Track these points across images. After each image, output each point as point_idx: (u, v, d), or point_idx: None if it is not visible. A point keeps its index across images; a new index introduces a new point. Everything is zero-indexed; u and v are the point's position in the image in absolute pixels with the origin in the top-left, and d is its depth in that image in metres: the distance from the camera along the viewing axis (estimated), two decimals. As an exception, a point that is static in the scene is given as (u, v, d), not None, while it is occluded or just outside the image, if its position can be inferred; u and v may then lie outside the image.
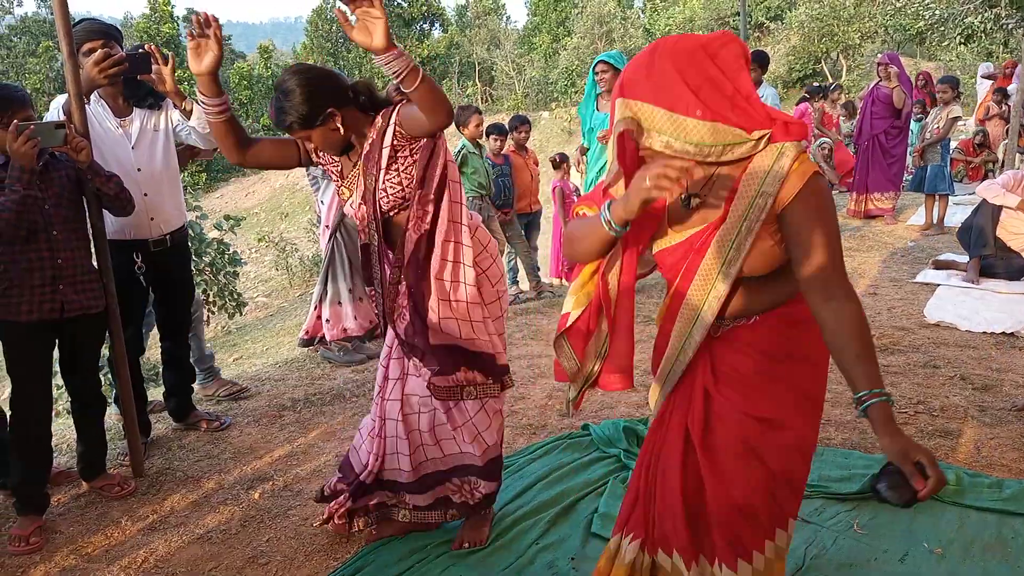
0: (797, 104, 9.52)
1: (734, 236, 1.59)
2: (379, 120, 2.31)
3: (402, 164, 2.32)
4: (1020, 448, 3.13)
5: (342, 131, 2.28)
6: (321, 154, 2.45)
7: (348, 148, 2.39)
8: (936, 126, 7.47)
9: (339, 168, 2.46)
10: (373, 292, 2.55)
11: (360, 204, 2.39)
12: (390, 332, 2.55)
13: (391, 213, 2.38)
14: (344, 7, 1.97)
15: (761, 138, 1.55)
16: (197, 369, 4.01)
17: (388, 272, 2.46)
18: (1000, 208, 5.55)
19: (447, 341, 2.41)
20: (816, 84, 12.27)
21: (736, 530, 1.68)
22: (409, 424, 2.51)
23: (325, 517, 2.66)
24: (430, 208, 2.34)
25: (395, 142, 2.29)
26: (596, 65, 5.58)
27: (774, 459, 1.67)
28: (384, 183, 2.32)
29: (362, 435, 2.65)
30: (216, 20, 2.24)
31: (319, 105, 2.22)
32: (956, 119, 7.44)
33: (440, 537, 2.67)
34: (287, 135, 2.31)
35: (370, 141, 2.33)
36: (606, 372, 1.96)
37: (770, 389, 1.70)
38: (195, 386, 3.91)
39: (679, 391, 1.81)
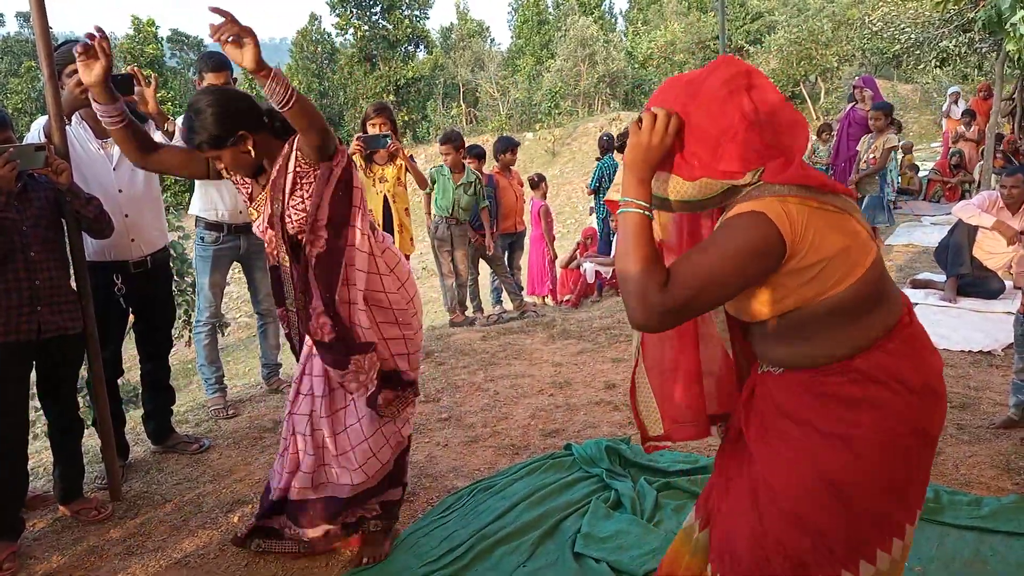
0: None
1: None
2: (286, 148, 2.35)
3: (306, 190, 2.35)
4: (998, 466, 3.16)
5: (253, 154, 2.32)
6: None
7: (259, 171, 2.42)
8: (872, 156, 7.29)
9: (248, 189, 2.49)
10: (283, 312, 2.55)
11: (267, 227, 2.42)
12: (304, 350, 2.58)
13: (298, 237, 2.41)
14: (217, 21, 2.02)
15: (754, 176, 1.46)
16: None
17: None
18: (976, 228, 5.63)
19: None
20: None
21: (722, 569, 1.63)
22: (316, 440, 2.54)
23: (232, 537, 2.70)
24: (323, 233, 2.38)
25: (298, 168, 2.32)
26: None
27: (769, 520, 1.55)
28: (289, 208, 2.36)
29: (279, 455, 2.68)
30: (101, 32, 2.35)
31: (230, 127, 2.25)
32: (892, 148, 7.25)
33: (424, 559, 2.65)
34: (203, 151, 2.31)
35: (277, 166, 2.36)
36: (668, 421, 1.87)
37: (779, 448, 1.56)
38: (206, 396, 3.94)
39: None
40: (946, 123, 12.97)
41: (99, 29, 2.33)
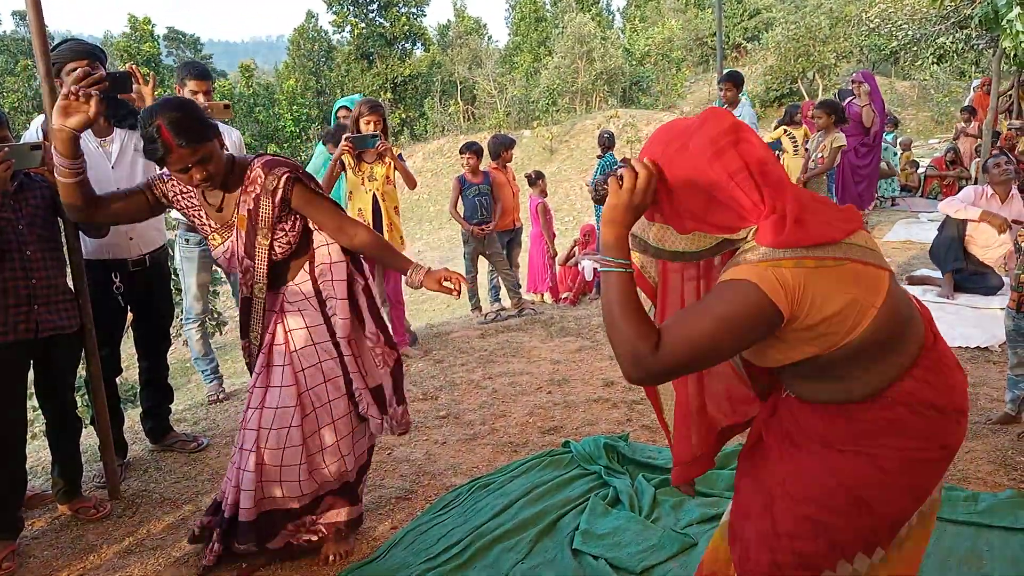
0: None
1: None
2: (258, 174, 2.33)
3: (288, 226, 2.41)
4: (995, 461, 3.17)
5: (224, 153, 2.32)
6: (178, 198, 2.45)
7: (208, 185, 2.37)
8: (820, 155, 7.14)
9: (199, 211, 2.45)
10: (246, 344, 2.58)
11: (243, 257, 2.42)
12: (260, 359, 2.56)
13: (281, 259, 2.44)
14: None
15: (748, 233, 1.45)
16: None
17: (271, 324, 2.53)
18: (965, 223, 5.65)
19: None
20: (794, 103, 12.46)
21: (739, 563, 1.65)
22: (259, 456, 2.49)
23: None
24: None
25: (280, 205, 2.35)
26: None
27: (783, 523, 1.55)
28: (273, 241, 2.39)
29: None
30: (103, 79, 2.36)
31: (210, 124, 2.26)
32: (841, 148, 7.10)
33: (422, 556, 2.66)
34: (191, 149, 2.18)
35: (254, 195, 2.34)
36: (675, 464, 1.89)
37: (801, 458, 1.56)
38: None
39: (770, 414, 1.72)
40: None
41: (101, 74, 2.40)
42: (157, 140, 2.12)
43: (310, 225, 2.51)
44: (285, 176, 2.35)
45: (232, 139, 4.00)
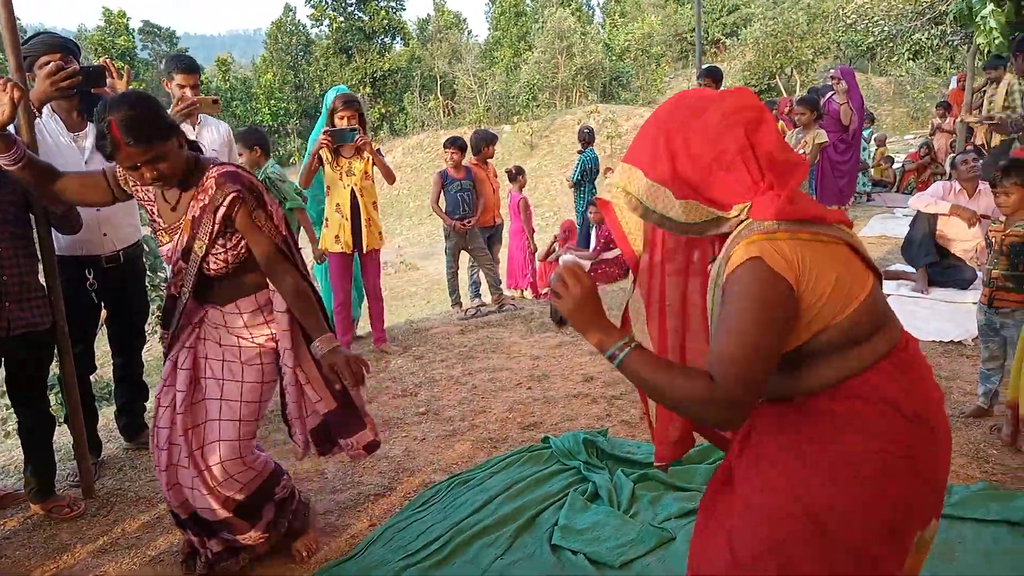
0: None
1: (712, 306, 1.50)
2: (211, 184, 2.27)
3: (231, 242, 2.34)
4: (968, 454, 3.21)
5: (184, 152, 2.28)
6: (136, 187, 2.41)
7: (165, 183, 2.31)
8: (801, 151, 7.13)
9: (153, 207, 2.41)
10: (165, 334, 2.53)
11: (179, 260, 2.36)
12: (167, 366, 2.50)
13: (213, 276, 2.39)
14: None
15: (741, 212, 1.43)
16: None
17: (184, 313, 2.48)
18: (935, 217, 5.73)
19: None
20: (770, 99, 12.54)
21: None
22: (171, 456, 2.44)
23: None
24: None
25: (224, 221, 2.29)
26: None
27: (742, 551, 1.46)
28: (211, 253, 2.33)
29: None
30: (16, 87, 2.31)
31: (167, 117, 2.22)
32: (823, 144, 7.11)
33: (401, 553, 2.65)
34: (140, 148, 2.12)
35: (201, 205, 2.29)
36: (656, 443, 1.87)
37: (765, 474, 1.49)
38: None
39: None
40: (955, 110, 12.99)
41: (13, 83, 2.32)
42: (107, 136, 2.09)
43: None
44: (232, 196, 2.26)
45: (220, 132, 3.95)
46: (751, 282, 1.35)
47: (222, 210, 2.27)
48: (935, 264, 5.83)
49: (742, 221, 1.44)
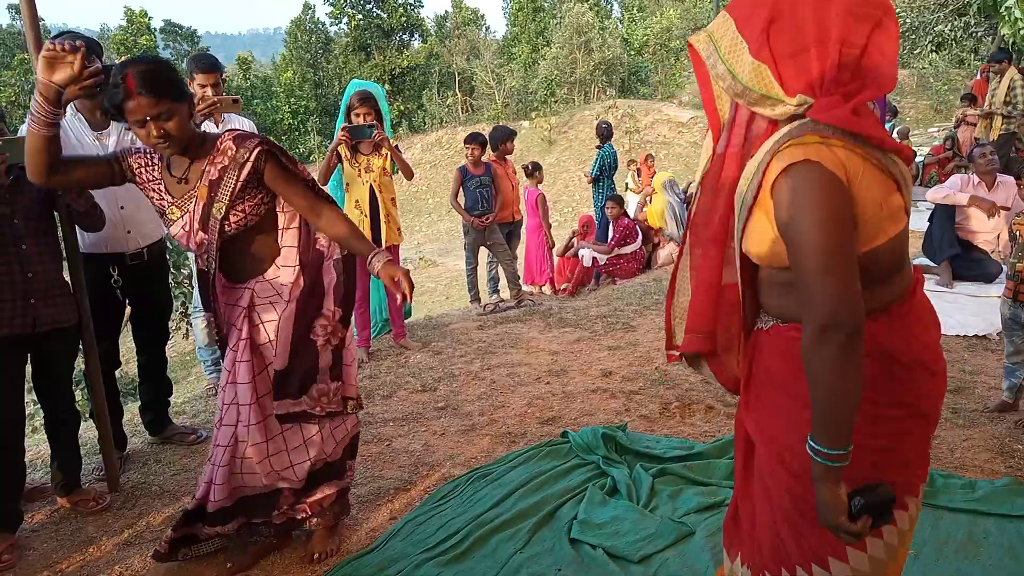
0: None
1: (739, 205, 1.43)
2: (228, 145, 2.27)
3: (250, 200, 2.35)
4: (992, 449, 3.17)
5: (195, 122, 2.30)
6: (141, 171, 2.41)
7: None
8: None
9: (159, 185, 2.40)
10: (210, 317, 2.54)
11: (198, 229, 2.35)
12: (229, 356, 2.49)
13: (235, 232, 2.38)
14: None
15: (801, 105, 1.34)
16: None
17: (228, 296, 2.48)
18: (954, 210, 5.67)
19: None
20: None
21: (758, 557, 1.56)
22: (235, 450, 2.47)
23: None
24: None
25: (248, 178, 2.30)
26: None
27: (775, 493, 1.49)
28: (229, 214, 2.32)
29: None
30: (83, 52, 2.25)
31: (185, 87, 2.24)
32: None
33: (421, 547, 2.67)
34: (150, 100, 2.14)
35: (220, 166, 2.29)
36: (686, 331, 1.72)
37: (766, 415, 1.52)
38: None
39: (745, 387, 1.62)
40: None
41: (81, 46, 2.26)
42: (120, 86, 2.11)
43: (277, 210, 2.46)
44: (258, 150, 2.28)
45: (243, 127, 3.98)
46: (811, 189, 1.27)
47: (248, 166, 2.27)
48: (958, 257, 5.76)
49: (796, 117, 1.36)
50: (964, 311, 5.08)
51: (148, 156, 2.41)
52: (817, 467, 1.32)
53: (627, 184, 11.95)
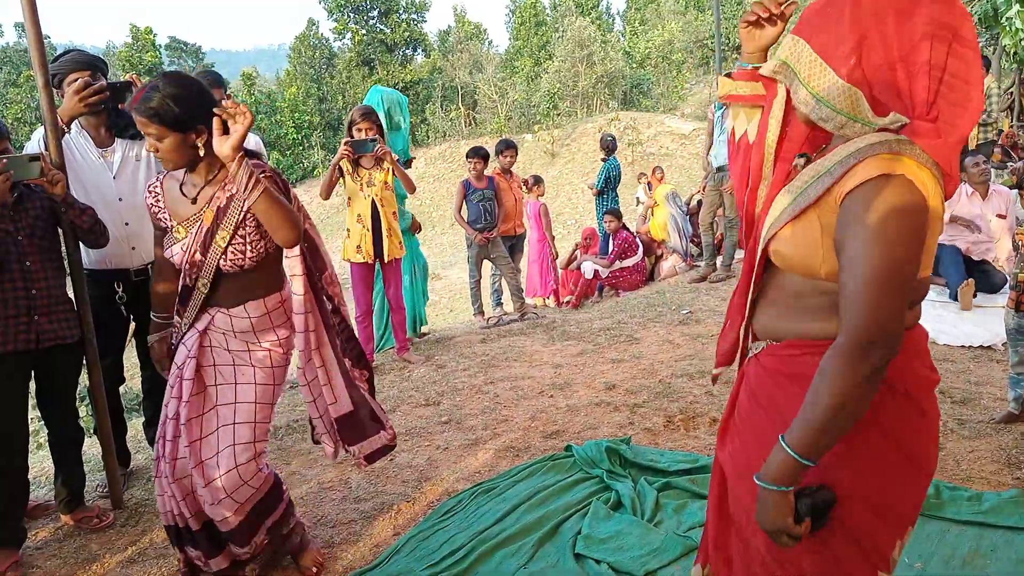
0: None
1: (788, 203, 1.37)
2: (242, 172, 2.19)
3: (250, 230, 2.32)
4: (999, 461, 3.15)
5: (201, 152, 2.27)
6: (150, 202, 2.43)
7: (192, 167, 2.33)
8: None
9: (161, 204, 2.40)
10: (178, 324, 2.52)
11: (196, 251, 2.34)
12: (173, 373, 2.47)
13: (228, 272, 2.37)
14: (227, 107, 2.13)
15: (894, 123, 1.27)
16: None
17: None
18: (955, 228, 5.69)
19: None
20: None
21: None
22: (182, 466, 2.41)
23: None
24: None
25: (247, 211, 2.29)
26: None
27: (753, 543, 1.44)
28: (230, 244, 2.31)
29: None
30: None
31: (192, 115, 2.20)
32: None
33: (425, 562, 2.66)
34: (141, 120, 2.18)
35: (229, 193, 2.30)
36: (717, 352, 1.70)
37: (748, 443, 1.47)
38: None
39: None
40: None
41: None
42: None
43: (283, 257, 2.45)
44: (259, 174, 2.26)
45: (250, 143, 4.00)
46: (900, 204, 1.20)
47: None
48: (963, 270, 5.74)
49: (884, 130, 1.28)
50: (969, 322, 5.06)
51: (155, 186, 2.44)
52: (779, 468, 1.27)
53: (637, 198, 11.97)
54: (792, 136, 1.51)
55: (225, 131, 2.16)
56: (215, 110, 2.13)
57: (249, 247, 2.33)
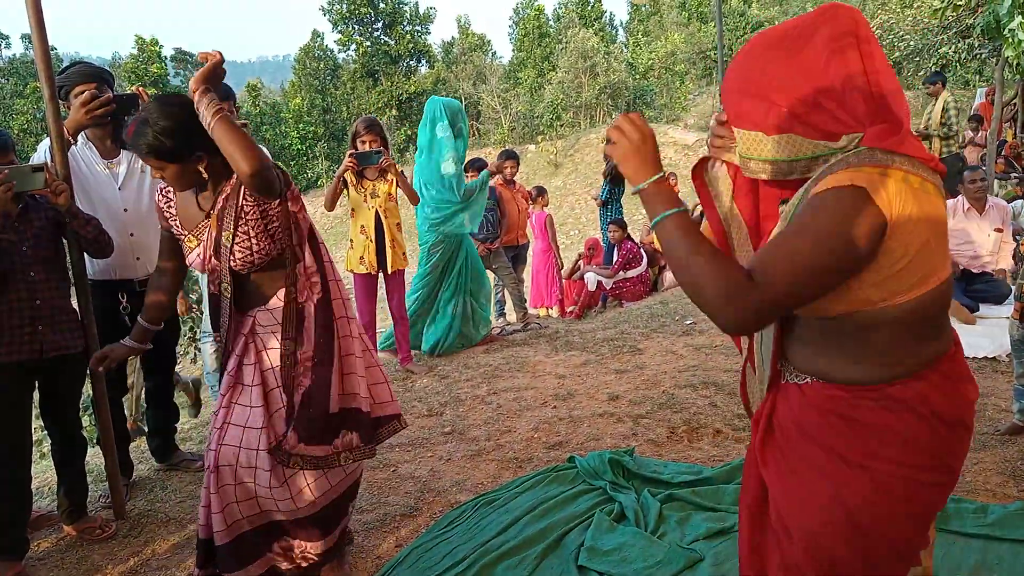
0: None
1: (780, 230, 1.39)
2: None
3: (251, 225, 2.30)
4: (1004, 473, 3.14)
5: (205, 176, 2.28)
6: (162, 210, 2.44)
7: (202, 187, 2.34)
8: None
9: (173, 210, 2.41)
10: (218, 337, 2.51)
11: (211, 257, 2.35)
12: (226, 381, 2.45)
13: (242, 271, 2.37)
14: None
15: (851, 142, 1.30)
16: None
17: (233, 323, 2.44)
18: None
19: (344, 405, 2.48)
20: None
21: None
22: (222, 477, 2.35)
23: None
24: (316, 279, 2.43)
25: (244, 202, 2.28)
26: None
27: (791, 555, 1.44)
28: (234, 243, 2.31)
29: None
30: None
31: (188, 144, 2.19)
32: None
33: (427, 574, 2.64)
34: (138, 151, 2.22)
35: (225, 195, 2.31)
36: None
37: (799, 474, 1.43)
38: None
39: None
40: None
41: None
42: (138, 104, 2.15)
43: (297, 245, 2.43)
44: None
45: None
46: (843, 202, 1.22)
47: (241, 188, 2.27)
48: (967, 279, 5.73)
49: (850, 151, 1.31)
50: (973, 333, 5.04)
51: (167, 190, 2.44)
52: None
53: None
54: (765, 196, 1.58)
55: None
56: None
57: (255, 242, 2.32)
